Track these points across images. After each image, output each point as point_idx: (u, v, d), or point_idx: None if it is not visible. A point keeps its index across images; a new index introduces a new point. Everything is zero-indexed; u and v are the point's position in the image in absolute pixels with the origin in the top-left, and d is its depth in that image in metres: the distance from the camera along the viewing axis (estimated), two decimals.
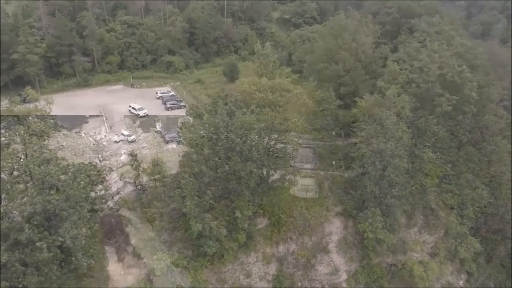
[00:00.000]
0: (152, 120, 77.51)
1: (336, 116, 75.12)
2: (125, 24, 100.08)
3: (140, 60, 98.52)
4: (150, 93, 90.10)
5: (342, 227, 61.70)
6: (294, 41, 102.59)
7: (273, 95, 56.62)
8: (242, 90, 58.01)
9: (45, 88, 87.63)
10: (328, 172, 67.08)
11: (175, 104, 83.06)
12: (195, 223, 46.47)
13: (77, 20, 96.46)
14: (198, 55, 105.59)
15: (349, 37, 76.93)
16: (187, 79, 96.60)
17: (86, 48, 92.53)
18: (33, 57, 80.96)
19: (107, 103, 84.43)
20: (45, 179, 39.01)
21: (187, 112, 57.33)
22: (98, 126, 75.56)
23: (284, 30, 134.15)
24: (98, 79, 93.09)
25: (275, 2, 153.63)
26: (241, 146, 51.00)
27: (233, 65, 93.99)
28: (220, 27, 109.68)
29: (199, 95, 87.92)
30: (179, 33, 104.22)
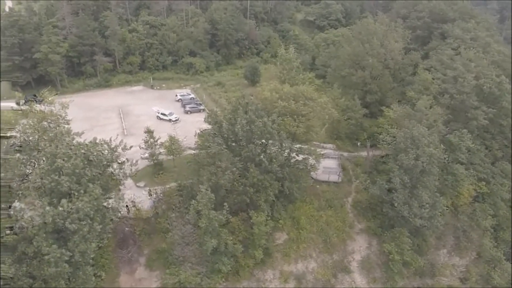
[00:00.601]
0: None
1: (361, 125, 71.19)
2: (147, 24, 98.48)
3: (161, 61, 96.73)
4: (169, 95, 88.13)
5: (365, 245, 57.80)
6: (318, 45, 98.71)
7: (296, 103, 53.25)
8: (263, 97, 54.82)
9: (66, 88, 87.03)
10: (352, 185, 63.27)
11: (194, 107, 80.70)
12: (210, 239, 43.72)
13: (99, 19, 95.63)
14: (219, 57, 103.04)
15: (377, 43, 72.73)
16: (207, 81, 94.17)
17: (108, 48, 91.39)
18: (55, 56, 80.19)
19: (126, 104, 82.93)
20: (56, 188, 36.98)
21: (205, 119, 54.61)
22: (116, 128, 74.03)
23: (307, 32, 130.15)
24: (118, 79, 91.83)
25: (299, 3, 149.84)
26: (260, 157, 47.98)
27: (254, 68, 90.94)
28: (242, 28, 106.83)
29: (218, 98, 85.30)
30: (201, 34, 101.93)
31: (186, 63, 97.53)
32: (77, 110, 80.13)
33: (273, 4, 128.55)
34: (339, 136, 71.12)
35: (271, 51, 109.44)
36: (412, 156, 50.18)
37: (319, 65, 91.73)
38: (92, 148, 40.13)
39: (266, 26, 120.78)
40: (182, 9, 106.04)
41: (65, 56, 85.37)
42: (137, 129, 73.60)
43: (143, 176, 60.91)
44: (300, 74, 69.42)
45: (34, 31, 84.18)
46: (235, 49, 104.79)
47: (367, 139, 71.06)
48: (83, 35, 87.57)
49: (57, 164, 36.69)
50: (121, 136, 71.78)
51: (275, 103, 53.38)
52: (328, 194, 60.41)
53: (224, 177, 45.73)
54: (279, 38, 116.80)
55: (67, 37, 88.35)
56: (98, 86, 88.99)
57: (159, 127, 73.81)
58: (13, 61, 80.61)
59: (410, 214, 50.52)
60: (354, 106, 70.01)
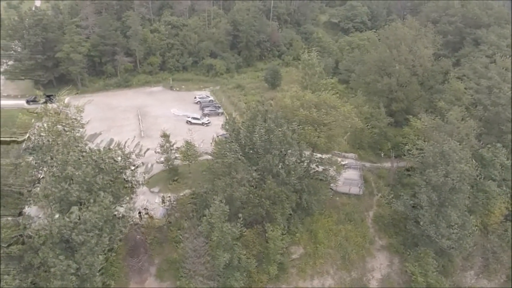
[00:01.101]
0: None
1: (385, 135, 67.39)
2: (169, 24, 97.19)
3: (181, 62, 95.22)
4: (188, 97, 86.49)
5: (386, 263, 54.25)
6: (342, 48, 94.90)
7: (317, 112, 50.23)
8: (284, 105, 52.04)
9: (87, 87, 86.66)
10: (374, 198, 59.74)
11: (212, 110, 78.70)
12: (223, 253, 41.41)
13: (122, 19, 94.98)
14: (240, 58, 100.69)
15: (406, 48, 68.62)
16: (227, 83, 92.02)
17: (129, 48, 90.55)
18: (76, 56, 79.76)
19: (144, 105, 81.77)
20: (65, 197, 35.47)
21: (223, 125, 52.34)
22: (133, 130, 72.89)
23: (331, 34, 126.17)
24: (138, 79, 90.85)
25: (323, 4, 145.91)
26: (278, 168, 45.34)
27: (275, 71, 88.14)
28: (264, 30, 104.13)
29: (238, 101, 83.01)
30: (222, 35, 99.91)
31: (206, 65, 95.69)
32: (96, 109, 79.69)
33: (296, 5, 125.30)
34: (361, 145, 67.58)
35: (293, 53, 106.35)
36: (441, 173, 46.36)
37: (343, 70, 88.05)
38: (104, 155, 38.43)
39: (288, 28, 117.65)
40: (205, 10, 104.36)
41: (86, 55, 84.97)
42: (154, 131, 72.20)
43: (158, 181, 59.36)
44: (323, 80, 66.07)
45: (58, 30, 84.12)
46: (256, 51, 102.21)
47: (391, 149, 67.28)
48: (105, 35, 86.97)
49: (68, 172, 35.15)
50: (137, 138, 71.20)
51: (296, 111, 50.52)
52: (348, 207, 57.16)
53: (239, 189, 43.35)
54: (301, 40, 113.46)
55: (89, 36, 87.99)
56: (118, 86, 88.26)
57: (176, 130, 72.40)
58: (36, 59, 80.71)
59: (437, 235, 46.76)
60: (379, 115, 66.33)
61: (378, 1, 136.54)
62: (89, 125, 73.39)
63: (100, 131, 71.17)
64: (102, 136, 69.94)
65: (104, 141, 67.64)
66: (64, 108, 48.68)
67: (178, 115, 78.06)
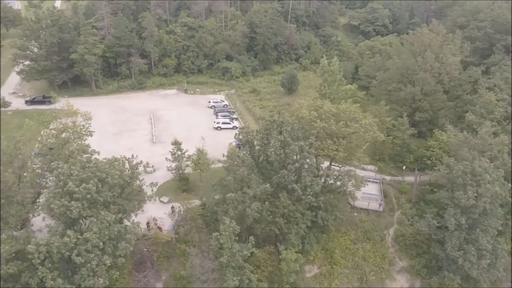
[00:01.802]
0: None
1: (407, 146, 63.09)
2: (185, 26, 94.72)
3: (197, 64, 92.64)
4: (202, 101, 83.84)
5: (406, 287, 50.24)
6: (363, 53, 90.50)
7: (337, 124, 46.63)
8: (301, 116, 48.57)
9: (101, 89, 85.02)
10: (394, 215, 55.71)
11: (226, 115, 75.70)
12: (232, 276, 38.39)
13: (138, 20, 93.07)
14: (256, 62, 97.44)
15: (432, 55, 64.13)
16: (242, 87, 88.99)
17: (144, 50, 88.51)
18: (90, 57, 77.99)
19: (157, 109, 79.49)
20: (65, 213, 33.03)
21: (236, 136, 49.27)
22: (146, 135, 70.61)
23: (351, 37, 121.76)
24: (152, 81, 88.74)
25: (343, 6, 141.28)
26: (293, 184, 41.98)
27: (292, 76, 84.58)
28: (282, 32, 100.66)
29: (253, 107, 79.90)
30: (238, 37, 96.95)
31: (221, 68, 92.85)
32: (109, 112, 77.95)
33: (315, 7, 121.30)
34: (381, 157, 63.48)
35: (311, 57, 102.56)
36: (471, 195, 42.12)
37: (363, 76, 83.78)
38: (109, 168, 35.82)
39: (307, 31, 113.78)
40: (222, 11, 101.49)
41: (101, 56, 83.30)
42: (166, 136, 69.75)
43: (168, 189, 56.80)
44: (341, 86, 62.12)
45: (73, 30, 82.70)
46: (273, 54, 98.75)
47: (413, 162, 63.05)
48: (121, 36, 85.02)
49: (69, 187, 32.68)
50: (149, 143, 68.93)
51: (314, 123, 47.00)
52: (367, 224, 53.29)
53: (252, 205, 40.23)
54: (320, 43, 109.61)
55: (105, 37, 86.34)
56: (132, 88, 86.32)
57: (190, 135, 69.82)
58: (52, 60, 79.34)
59: (465, 262, 42.61)
60: (401, 125, 62.06)
61: (400, 1, 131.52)
62: (101, 128, 72.35)
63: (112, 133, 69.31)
64: (113, 140, 67.87)
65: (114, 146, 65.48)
66: (71, 116, 46.19)
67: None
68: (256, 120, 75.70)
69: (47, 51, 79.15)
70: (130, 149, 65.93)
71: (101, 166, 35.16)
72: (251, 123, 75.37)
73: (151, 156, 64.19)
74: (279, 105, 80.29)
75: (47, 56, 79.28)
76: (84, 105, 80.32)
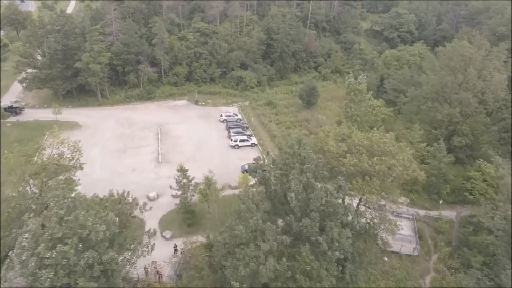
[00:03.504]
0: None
1: (444, 176, 54.20)
2: (198, 31, 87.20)
3: (209, 73, 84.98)
4: (214, 113, 76.15)
5: None
6: (389, 64, 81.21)
7: (370, 159, 38.34)
8: (326, 149, 40.38)
9: (107, 99, 78.16)
10: (431, 260, 47.08)
11: (239, 132, 67.85)
12: None
13: (148, 25, 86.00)
14: (273, 70, 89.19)
15: (474, 72, 54.91)
16: (257, 98, 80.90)
17: (154, 57, 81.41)
18: (96, 66, 71.16)
19: (166, 122, 72.18)
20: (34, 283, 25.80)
21: (249, 170, 41.44)
22: (151, 152, 63.43)
23: (373, 44, 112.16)
24: (162, 91, 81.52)
25: (364, 10, 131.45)
26: (317, 237, 33.98)
27: (312, 88, 76.05)
28: (300, 39, 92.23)
29: (268, 122, 71.80)
30: (254, 44, 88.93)
31: (235, 77, 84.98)
32: (114, 125, 71.05)
33: (336, 12, 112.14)
34: (414, 188, 54.71)
35: (331, 66, 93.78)
36: None
37: (389, 89, 74.70)
38: (93, 222, 28.25)
39: (327, 37, 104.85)
40: (237, 16, 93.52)
41: (108, 64, 76.53)
42: (174, 154, 62.57)
43: (172, 222, 49.32)
44: (367, 101, 53.28)
45: (80, 36, 76.02)
46: (291, 63, 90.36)
47: (450, 193, 54.21)
48: (129, 42, 78.04)
49: (39, 251, 25.39)
50: (154, 163, 61.62)
51: (343, 157, 38.77)
52: (399, 272, 44.74)
53: (266, 264, 32.42)
54: (341, 50, 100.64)
55: (113, 44, 79.53)
56: (140, 99, 79.26)
57: (199, 154, 62.41)
58: (56, 68, 72.81)
59: None
60: (438, 151, 53.25)
61: (427, 6, 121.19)
62: (105, 143, 65.61)
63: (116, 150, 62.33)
64: (117, 158, 60.94)
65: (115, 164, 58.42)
66: (59, 146, 39.04)
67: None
68: (271, 138, 67.73)
69: (51, 59, 72.67)
70: (134, 169, 59.28)
71: (83, 220, 27.65)
72: (266, 140, 67.45)
73: (155, 178, 57.33)
74: (297, 121, 72.11)
75: (50, 64, 72.85)
76: (89, 117, 74.18)
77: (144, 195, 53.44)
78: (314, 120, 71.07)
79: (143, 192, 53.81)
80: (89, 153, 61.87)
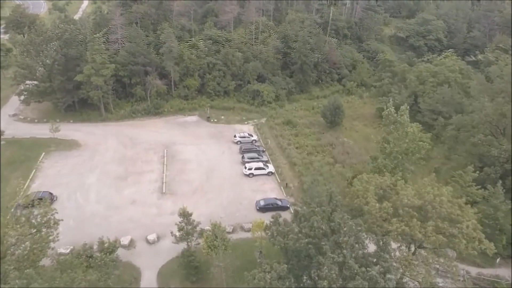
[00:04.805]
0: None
1: (501, 228, 43.28)
2: (210, 39, 77.11)
3: (223, 85, 74.81)
4: (227, 132, 66.19)
5: None
6: (424, 79, 69.65)
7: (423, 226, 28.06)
8: (367, 210, 30.05)
9: (111, 113, 68.85)
10: None
11: (254, 158, 57.74)
12: None
13: (157, 31, 76.34)
14: (292, 83, 78.58)
15: None
16: (275, 116, 70.50)
17: (164, 68, 71.80)
18: (97, 80, 61.91)
19: (173, 142, 62.58)
20: None
21: (268, 236, 31.51)
22: (155, 180, 53.99)
23: (397, 51, 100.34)
24: (171, 105, 71.75)
25: (387, 15, 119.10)
26: None
27: (336, 106, 65.29)
28: (320, 47, 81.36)
29: (287, 145, 61.55)
30: (271, 54, 78.44)
31: (251, 91, 74.72)
32: (117, 145, 61.63)
33: (358, 17, 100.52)
34: None
35: (356, 78, 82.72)
36: None
37: (425, 110, 63.56)
38: None
39: (348, 45, 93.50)
40: (252, 21, 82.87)
41: (114, 75, 67.31)
42: (180, 184, 53.04)
43: (173, 275, 39.69)
44: (413, 141, 42.26)
45: (83, 45, 66.82)
46: (313, 75, 79.58)
47: (506, 246, 43.38)
48: (136, 51, 68.52)
49: None
50: (157, 194, 51.94)
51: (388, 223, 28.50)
52: None
53: None
54: (364, 60, 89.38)
55: (118, 52, 70.13)
56: (147, 114, 69.76)
57: (209, 184, 52.70)
58: (55, 80, 63.82)
59: None
60: (494, 197, 42.41)
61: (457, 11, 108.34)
62: (104, 168, 56.51)
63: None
64: (117, 186, 51.62)
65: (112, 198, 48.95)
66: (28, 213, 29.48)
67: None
68: (291, 165, 57.53)
69: (50, 70, 63.81)
70: (134, 201, 49.83)
71: None
72: (285, 168, 57.26)
73: (157, 214, 47.85)
74: (320, 145, 61.63)
75: (49, 76, 64.01)
76: (90, 134, 64.86)
77: (142, 236, 44.33)
78: (340, 145, 60.58)
79: (142, 233, 44.72)
80: (85, 180, 53.16)
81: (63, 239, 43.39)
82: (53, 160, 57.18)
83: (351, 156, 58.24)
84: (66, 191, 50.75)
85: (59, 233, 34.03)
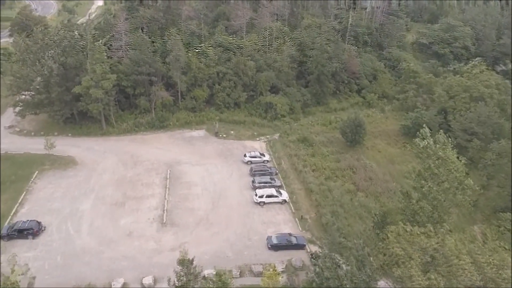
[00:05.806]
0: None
1: None
2: (220, 46, 69.97)
3: (234, 97, 67.50)
4: (237, 150, 59.13)
5: None
6: (454, 94, 61.25)
7: None
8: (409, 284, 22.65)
9: (112, 127, 62.31)
10: None
11: (266, 182, 50.45)
12: None
13: (164, 37, 69.53)
14: (308, 95, 70.91)
15: None
16: (289, 132, 63.05)
17: (170, 77, 65.04)
18: (97, 92, 55.47)
19: (178, 161, 55.80)
20: None
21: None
22: (155, 208, 47.31)
23: (420, 59, 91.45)
24: (177, 118, 64.85)
25: (408, 19, 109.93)
26: None
27: (357, 124, 57.54)
28: (339, 56, 73.41)
29: (303, 167, 53.95)
30: (285, 63, 70.87)
31: (264, 103, 67.39)
32: (116, 164, 54.99)
33: (379, 23, 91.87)
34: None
35: (377, 90, 74.61)
36: None
37: (458, 129, 55.33)
38: None
39: (368, 53, 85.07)
40: (266, 27, 75.26)
41: (116, 85, 60.93)
42: (183, 213, 46.20)
43: None
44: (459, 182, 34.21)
45: (83, 52, 60.51)
46: (330, 86, 71.76)
47: None
48: (140, 60, 61.85)
49: None
50: (157, 224, 45.04)
51: None
52: None
53: None
54: (386, 69, 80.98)
55: (121, 60, 63.59)
56: (151, 127, 63.08)
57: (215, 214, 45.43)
58: (52, 91, 57.67)
59: None
60: None
61: (485, 16, 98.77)
62: (100, 192, 50.08)
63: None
64: (112, 215, 45.01)
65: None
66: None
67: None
68: (306, 191, 50.12)
69: (47, 80, 57.66)
70: (130, 234, 43.05)
71: None
72: (300, 194, 49.87)
73: (155, 250, 41.06)
74: (339, 169, 53.97)
75: (46, 86, 57.90)
76: (89, 150, 58.27)
77: (137, 279, 37.76)
78: (362, 169, 52.88)
79: (137, 275, 38.16)
80: (79, 206, 46.80)
81: (48, 279, 37.77)
82: (46, 180, 51.04)
83: (374, 182, 50.57)
84: (56, 219, 44.51)
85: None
